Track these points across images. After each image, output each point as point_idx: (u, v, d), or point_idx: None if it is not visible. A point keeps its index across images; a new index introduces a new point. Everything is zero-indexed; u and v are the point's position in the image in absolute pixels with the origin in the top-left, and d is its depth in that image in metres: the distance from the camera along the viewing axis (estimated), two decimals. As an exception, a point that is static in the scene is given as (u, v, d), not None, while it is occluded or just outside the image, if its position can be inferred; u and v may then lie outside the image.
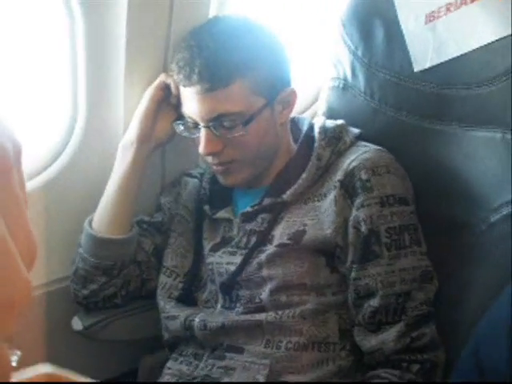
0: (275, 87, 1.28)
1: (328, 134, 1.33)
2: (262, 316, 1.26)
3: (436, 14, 1.28)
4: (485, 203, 1.24)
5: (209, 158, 1.30)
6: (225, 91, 1.23)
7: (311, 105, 1.69)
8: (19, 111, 1.36)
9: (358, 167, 1.25)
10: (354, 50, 1.41)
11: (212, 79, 1.22)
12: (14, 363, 0.36)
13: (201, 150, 1.27)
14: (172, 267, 1.40)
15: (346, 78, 1.45)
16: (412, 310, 1.21)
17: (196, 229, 1.40)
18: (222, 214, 1.36)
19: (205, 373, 1.29)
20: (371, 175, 1.24)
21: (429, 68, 1.31)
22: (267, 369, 1.23)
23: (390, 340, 1.21)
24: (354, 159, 1.27)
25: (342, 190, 1.25)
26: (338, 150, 1.31)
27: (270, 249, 1.27)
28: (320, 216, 1.26)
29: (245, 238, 1.31)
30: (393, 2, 1.33)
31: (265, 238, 1.28)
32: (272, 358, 1.24)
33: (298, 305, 1.24)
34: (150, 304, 1.44)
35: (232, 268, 1.30)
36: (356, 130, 1.36)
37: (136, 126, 1.36)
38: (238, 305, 1.30)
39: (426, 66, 1.31)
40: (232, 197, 1.39)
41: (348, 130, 1.35)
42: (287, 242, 1.26)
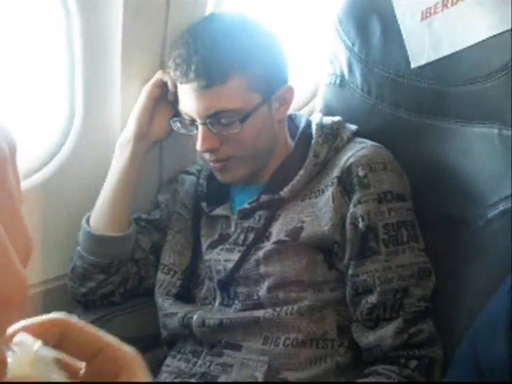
0: (272, 84, 1.28)
1: (325, 130, 1.33)
2: (259, 313, 1.26)
3: (432, 10, 1.28)
4: (481, 199, 1.24)
5: (206, 155, 1.30)
6: (222, 88, 1.23)
7: (309, 101, 1.69)
8: (16, 110, 1.36)
9: (355, 164, 1.25)
10: (350, 46, 1.41)
11: (209, 76, 1.22)
12: (10, 359, 0.36)
13: (198, 147, 1.27)
14: (170, 264, 1.40)
15: (342, 74, 1.45)
16: (410, 306, 1.22)
17: (194, 226, 1.40)
18: (219, 211, 1.36)
19: (203, 370, 1.29)
20: (368, 172, 1.24)
21: (425, 64, 1.31)
22: (265, 365, 1.23)
23: (387, 336, 1.21)
24: (351, 156, 1.27)
25: (339, 187, 1.25)
26: (336, 146, 1.31)
27: (267, 246, 1.27)
28: (317, 213, 1.26)
29: (242, 235, 1.31)
30: (390, -2, 1.33)
31: (262, 234, 1.29)
32: (270, 355, 1.24)
33: (296, 301, 1.24)
34: (147, 301, 1.44)
35: (230, 265, 1.30)
36: (353, 127, 1.36)
37: (133, 123, 1.36)
38: (235, 302, 1.30)
39: (423, 63, 1.31)
40: (229, 194, 1.39)
41: (345, 127, 1.35)
42: (285, 238, 1.26)
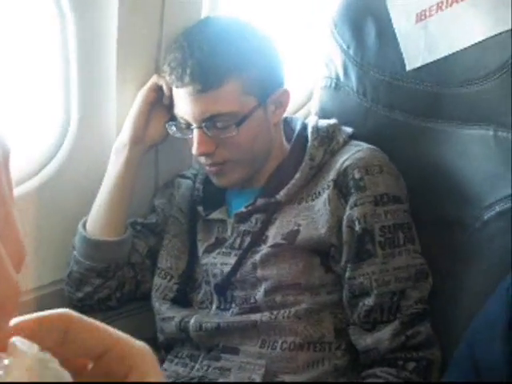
0: (267, 87, 1.28)
1: (321, 133, 1.33)
2: (257, 316, 1.26)
3: (427, 13, 1.28)
4: (477, 201, 1.24)
5: (202, 159, 1.30)
6: (217, 92, 1.23)
7: (304, 104, 1.69)
8: (11, 115, 1.35)
9: (351, 166, 1.25)
10: (345, 49, 1.41)
11: (204, 80, 1.22)
12: (7, 361, 0.36)
13: (194, 150, 1.27)
14: (166, 269, 1.39)
15: (338, 77, 1.45)
16: (407, 308, 1.21)
17: (190, 230, 1.40)
18: (215, 214, 1.36)
19: (201, 374, 1.28)
20: (364, 174, 1.24)
21: (421, 66, 1.31)
22: (263, 369, 1.23)
23: (385, 338, 1.21)
24: (346, 158, 1.27)
25: (335, 190, 1.25)
26: (331, 149, 1.31)
27: (264, 249, 1.27)
28: (314, 216, 1.26)
29: (239, 239, 1.31)
30: (384, 0, 1.33)
31: (259, 238, 1.28)
32: (267, 359, 1.24)
33: (293, 305, 1.24)
34: (144, 306, 1.44)
35: (226, 269, 1.30)
36: (349, 129, 1.36)
37: (129, 127, 1.36)
38: (232, 305, 1.30)
39: (418, 65, 1.31)
40: (225, 197, 1.39)
41: (341, 130, 1.35)
42: (281, 242, 1.26)
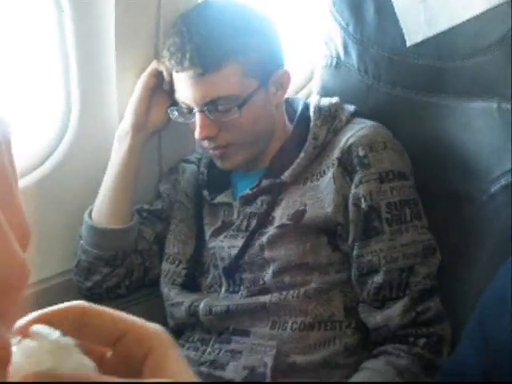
0: (268, 69, 1.28)
1: (323, 112, 1.32)
2: (266, 298, 1.26)
3: (426, -14, 1.27)
4: (484, 174, 1.24)
5: (205, 143, 1.30)
6: (217, 75, 1.22)
7: (305, 84, 1.68)
8: (13, 107, 1.35)
9: (355, 144, 1.25)
10: (345, 26, 1.40)
11: (204, 63, 1.21)
12: (15, 348, 0.36)
13: (196, 134, 1.27)
14: (174, 254, 1.39)
15: (338, 55, 1.44)
16: (416, 284, 1.21)
17: (196, 214, 1.39)
18: (221, 198, 1.36)
19: (212, 357, 1.29)
20: (368, 151, 1.24)
21: (421, 41, 1.30)
22: (274, 350, 1.23)
23: (395, 315, 1.21)
24: (350, 136, 1.27)
25: (340, 168, 1.25)
26: (334, 127, 1.31)
27: (270, 230, 1.27)
28: (319, 195, 1.25)
29: (245, 221, 1.31)
30: (382, -24, 1.32)
31: (265, 219, 1.28)
32: (278, 340, 1.24)
33: (302, 285, 1.24)
34: (153, 292, 1.44)
35: (234, 252, 1.30)
36: (351, 107, 1.35)
37: (130, 114, 1.35)
38: (241, 288, 1.30)
39: (419, 40, 1.30)
40: (230, 180, 1.38)
41: (343, 108, 1.34)
42: (288, 222, 1.26)
